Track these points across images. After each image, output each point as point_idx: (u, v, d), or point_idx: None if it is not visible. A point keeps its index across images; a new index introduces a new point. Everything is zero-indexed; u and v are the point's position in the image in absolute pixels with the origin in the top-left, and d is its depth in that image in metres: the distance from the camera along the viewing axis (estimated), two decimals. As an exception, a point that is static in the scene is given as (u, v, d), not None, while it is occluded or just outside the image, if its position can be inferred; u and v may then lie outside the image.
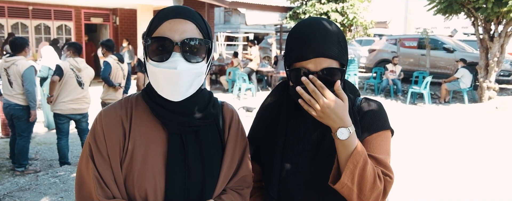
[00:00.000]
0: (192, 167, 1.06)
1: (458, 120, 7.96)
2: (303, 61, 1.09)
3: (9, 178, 4.36)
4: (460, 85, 9.60)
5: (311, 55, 1.07)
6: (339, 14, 10.32)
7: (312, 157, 1.18)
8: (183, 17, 1.01)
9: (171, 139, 1.05)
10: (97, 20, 12.28)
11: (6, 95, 4.36)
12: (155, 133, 1.06)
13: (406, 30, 20.52)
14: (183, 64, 0.99)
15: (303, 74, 1.08)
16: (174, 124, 1.04)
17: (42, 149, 5.62)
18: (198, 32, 1.03)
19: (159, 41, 0.99)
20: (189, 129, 1.06)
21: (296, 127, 1.20)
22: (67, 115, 4.51)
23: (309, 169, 1.17)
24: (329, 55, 1.08)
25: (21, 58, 4.36)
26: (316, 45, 1.07)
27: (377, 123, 1.18)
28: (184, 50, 0.99)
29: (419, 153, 5.55)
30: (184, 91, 1.01)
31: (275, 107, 1.26)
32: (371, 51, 13.43)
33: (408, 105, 9.65)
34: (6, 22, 10.74)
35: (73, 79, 4.46)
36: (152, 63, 1.00)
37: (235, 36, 19.24)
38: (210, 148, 1.10)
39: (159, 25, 1.00)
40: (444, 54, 11.54)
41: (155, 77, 1.01)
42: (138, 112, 1.07)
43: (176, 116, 1.04)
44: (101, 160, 1.03)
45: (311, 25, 1.11)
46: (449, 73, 10.98)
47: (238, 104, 9.47)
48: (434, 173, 4.71)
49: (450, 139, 6.41)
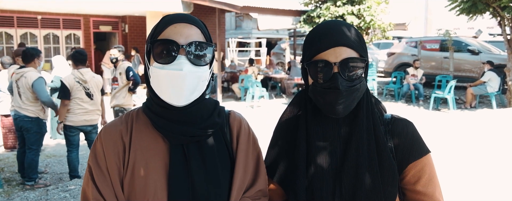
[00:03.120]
0: (196, 179, 1.03)
1: (486, 126, 7.54)
2: (321, 52, 1.06)
3: (19, 192, 4.35)
4: (487, 89, 9.14)
5: (330, 45, 1.05)
6: (356, 17, 9.89)
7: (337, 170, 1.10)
8: (188, 21, 1.03)
9: (172, 151, 1.04)
10: (106, 28, 12.13)
11: (16, 107, 4.40)
12: (156, 146, 1.05)
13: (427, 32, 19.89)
14: (189, 67, 0.99)
15: (322, 66, 1.05)
16: (175, 134, 1.03)
17: (52, 162, 5.63)
18: (202, 37, 1.04)
19: (165, 44, 0.99)
20: (191, 139, 1.04)
21: (317, 134, 1.13)
22: (78, 127, 4.44)
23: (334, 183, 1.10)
24: (349, 44, 1.05)
25: (30, 70, 4.36)
26: (334, 36, 1.06)
27: (417, 145, 1.13)
28: (189, 53, 0.99)
29: (445, 162, 5.16)
30: (188, 95, 1.00)
31: (295, 118, 1.20)
32: (390, 54, 12.92)
33: (431, 110, 9.17)
34: (15, 32, 10.66)
35: (81, 92, 4.41)
36: (157, 66, 1.00)
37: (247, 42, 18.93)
38: (215, 159, 1.07)
39: (164, 29, 1.01)
40: (469, 56, 10.95)
41: (159, 81, 1.00)
42: (138, 125, 1.07)
43: (177, 126, 1.02)
44: (102, 178, 1.03)
45: (327, 24, 1.10)
46: (475, 76, 10.44)
47: (251, 112, 9.10)
48: (462, 183, 4.36)
49: (478, 147, 5.99)
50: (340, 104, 1.06)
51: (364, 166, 1.07)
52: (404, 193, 1.17)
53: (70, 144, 4.52)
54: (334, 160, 1.11)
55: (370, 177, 1.07)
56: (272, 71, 12.29)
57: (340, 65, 1.04)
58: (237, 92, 11.15)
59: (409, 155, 1.11)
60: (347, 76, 1.05)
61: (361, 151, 1.08)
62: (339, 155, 1.11)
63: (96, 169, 1.04)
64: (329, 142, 1.12)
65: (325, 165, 1.11)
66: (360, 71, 1.07)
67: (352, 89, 1.06)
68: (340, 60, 1.04)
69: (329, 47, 1.05)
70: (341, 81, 1.05)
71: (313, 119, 1.15)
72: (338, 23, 1.10)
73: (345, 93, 1.05)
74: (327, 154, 1.12)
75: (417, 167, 1.11)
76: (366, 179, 1.07)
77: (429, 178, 1.12)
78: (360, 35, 1.10)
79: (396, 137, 1.13)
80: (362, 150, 1.08)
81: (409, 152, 1.11)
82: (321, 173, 1.11)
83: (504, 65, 9.18)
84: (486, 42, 12.10)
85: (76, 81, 4.34)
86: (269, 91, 11.42)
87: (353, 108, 1.10)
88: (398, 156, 1.12)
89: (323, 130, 1.13)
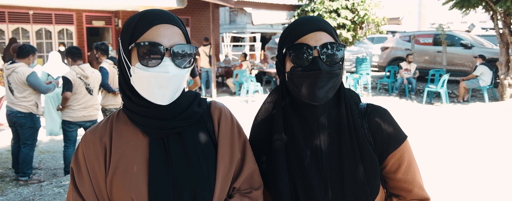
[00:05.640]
0: (178, 171, 1.03)
1: (478, 119, 7.60)
2: (301, 37, 1.08)
3: (13, 188, 4.34)
4: (479, 83, 9.22)
5: (310, 29, 1.07)
6: (350, 11, 9.88)
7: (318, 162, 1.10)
8: (170, 22, 1.03)
9: (152, 145, 1.04)
10: (99, 23, 12.02)
11: (9, 103, 4.40)
12: (136, 141, 1.06)
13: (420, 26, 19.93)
14: (174, 69, 1.00)
15: (303, 49, 1.06)
16: (153, 129, 1.03)
17: (46, 157, 5.61)
18: (183, 36, 1.05)
19: (150, 46, 0.99)
20: (170, 132, 1.05)
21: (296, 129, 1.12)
22: (77, 122, 4.45)
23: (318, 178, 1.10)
24: (328, 30, 1.09)
25: (21, 65, 4.34)
26: (314, 23, 1.09)
27: (395, 134, 1.14)
28: (174, 56, 1.01)
29: (437, 155, 5.21)
30: (172, 95, 1.02)
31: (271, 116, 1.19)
32: (383, 49, 12.95)
33: (425, 104, 9.24)
34: (7, 27, 10.53)
35: (82, 88, 4.39)
36: (142, 68, 1.00)
37: (241, 37, 18.87)
38: (197, 150, 1.07)
39: (146, 30, 1.01)
40: (462, 50, 11.01)
41: (144, 82, 1.00)
42: (118, 124, 1.08)
43: (155, 120, 1.03)
44: (82, 181, 1.05)
45: (304, 17, 1.15)
46: (468, 70, 10.51)
47: (246, 107, 9.11)
48: (454, 176, 4.40)
49: (470, 140, 6.04)
50: (320, 88, 1.06)
51: (348, 159, 1.08)
52: (385, 181, 1.19)
53: (67, 139, 4.52)
54: (316, 155, 1.10)
55: (355, 171, 1.08)
56: (267, 66, 12.29)
57: (321, 49, 1.06)
58: (231, 87, 11.14)
59: (388, 145, 1.13)
60: (327, 60, 1.07)
61: (343, 144, 1.09)
62: (320, 149, 1.11)
63: (77, 173, 1.07)
64: (310, 137, 1.11)
65: (307, 161, 1.10)
66: (339, 57, 1.08)
67: (332, 73, 1.07)
68: (320, 44, 1.06)
69: (310, 32, 1.07)
70: (322, 64, 1.06)
71: (292, 110, 1.14)
72: (316, 16, 1.15)
73: (325, 76, 1.06)
74: (308, 148, 1.11)
75: (396, 156, 1.14)
76: (352, 172, 1.08)
77: (408, 165, 1.15)
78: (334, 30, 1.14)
79: (374, 129, 1.14)
80: (344, 143, 1.09)
81: (388, 142, 1.13)
82: (304, 171, 1.10)
83: (496, 59, 9.23)
84: (479, 36, 12.15)
85: (78, 77, 4.34)
86: (263, 86, 11.43)
87: (332, 98, 1.11)
88: (377, 148, 1.14)
89: (302, 124, 1.12)
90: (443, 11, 12.13)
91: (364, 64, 11.31)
